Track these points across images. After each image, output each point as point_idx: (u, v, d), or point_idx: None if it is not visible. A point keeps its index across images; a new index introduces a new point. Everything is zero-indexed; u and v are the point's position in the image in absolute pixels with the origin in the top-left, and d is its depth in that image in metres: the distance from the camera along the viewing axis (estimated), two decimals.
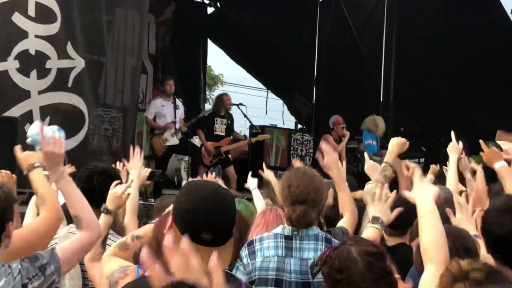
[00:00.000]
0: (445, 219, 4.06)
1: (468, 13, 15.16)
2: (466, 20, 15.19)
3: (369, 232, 4.13)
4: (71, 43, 9.86)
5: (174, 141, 12.89)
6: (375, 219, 4.17)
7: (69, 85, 9.88)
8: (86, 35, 10.17)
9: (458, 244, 3.69)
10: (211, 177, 6.42)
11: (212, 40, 18.91)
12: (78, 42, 9.94)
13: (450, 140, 5.93)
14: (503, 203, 3.64)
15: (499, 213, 3.51)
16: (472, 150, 6.70)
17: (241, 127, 16.15)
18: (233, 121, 13.79)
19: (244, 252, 4.48)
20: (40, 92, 9.63)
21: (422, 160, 17.00)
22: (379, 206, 4.21)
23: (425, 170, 5.63)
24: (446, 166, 6.22)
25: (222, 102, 13.56)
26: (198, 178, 12.30)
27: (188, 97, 16.77)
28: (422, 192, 3.60)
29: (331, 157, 5.08)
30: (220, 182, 6.88)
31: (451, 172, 5.97)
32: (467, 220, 4.17)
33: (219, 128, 13.40)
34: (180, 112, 13.13)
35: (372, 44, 16.97)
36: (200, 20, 18.25)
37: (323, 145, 5.20)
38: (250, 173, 7.28)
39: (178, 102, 13.17)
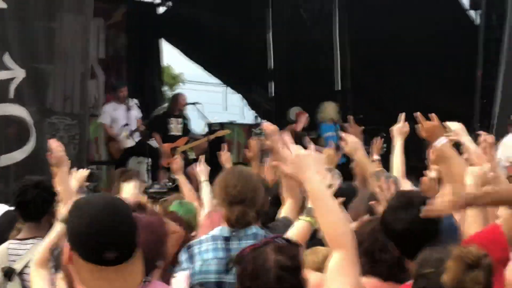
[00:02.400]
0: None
1: None
2: (421, 4, 15.18)
3: (298, 226, 4.02)
4: (9, 53, 9.68)
5: (130, 143, 12.73)
6: (309, 211, 4.04)
7: (11, 96, 9.70)
8: (27, 44, 10.00)
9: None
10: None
11: (166, 40, 18.78)
12: (16, 51, 9.75)
13: (411, 125, 5.42)
14: (397, 201, 3.67)
15: (395, 210, 3.56)
16: None
17: (200, 125, 15.98)
18: (189, 120, 13.66)
19: (183, 256, 4.39)
20: None
21: (384, 145, 17.00)
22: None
23: (386, 155, 5.55)
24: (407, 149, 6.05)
25: (177, 101, 13.44)
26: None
27: (145, 99, 16.61)
28: (306, 176, 3.13)
29: (273, 131, 4.96)
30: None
31: (397, 156, 5.82)
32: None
33: (175, 128, 13.27)
34: (135, 113, 12.98)
35: (326, 32, 16.93)
36: (153, 20, 18.10)
37: (265, 125, 5.13)
38: (202, 161, 7.00)
39: (132, 103, 13.02)
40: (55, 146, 5.01)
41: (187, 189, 7.07)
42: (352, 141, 5.10)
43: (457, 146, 5.21)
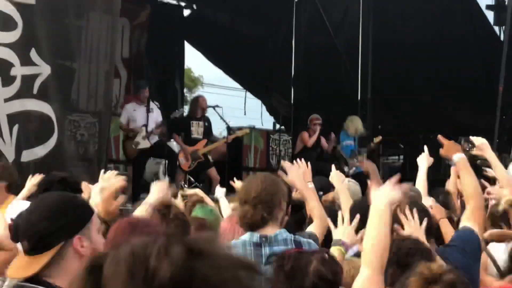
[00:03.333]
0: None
1: (445, 9, 15.17)
2: (443, 16, 15.21)
3: (334, 251, 4.09)
4: (35, 49, 9.71)
5: (145, 144, 12.71)
6: (336, 242, 4.19)
7: (35, 91, 9.72)
8: (54, 41, 10.02)
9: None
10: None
11: (189, 42, 18.81)
12: (42, 48, 9.77)
13: (429, 137, 6.17)
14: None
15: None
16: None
17: (219, 128, 16.05)
18: (211, 123, 13.69)
19: None
20: (6, 100, 9.49)
21: (401, 157, 17.03)
22: (343, 228, 4.22)
23: (404, 166, 5.71)
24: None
25: (198, 104, 13.48)
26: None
27: (166, 100, 16.68)
28: (379, 195, 3.49)
29: (293, 172, 5.07)
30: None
31: (420, 182, 6.07)
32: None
33: (196, 130, 13.30)
34: (154, 115, 12.96)
35: (349, 42, 16.96)
36: (177, 22, 18.14)
37: (284, 162, 5.27)
38: (218, 185, 7.30)
39: (153, 105, 13.02)
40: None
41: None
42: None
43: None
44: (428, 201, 5.53)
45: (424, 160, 6.34)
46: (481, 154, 5.77)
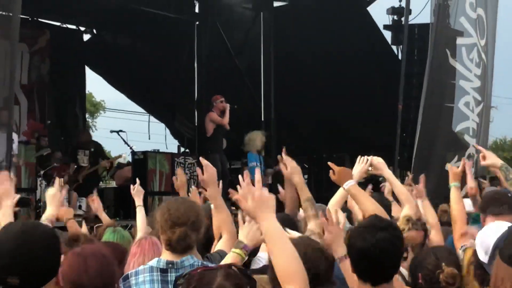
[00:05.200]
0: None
1: (345, 28, 15.44)
2: (343, 35, 15.46)
3: (229, 258, 4.07)
4: None
5: None
6: (238, 244, 4.13)
7: None
8: None
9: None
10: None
11: (90, 67, 18.64)
12: None
13: (332, 156, 6.21)
14: (368, 220, 3.82)
15: (364, 228, 3.69)
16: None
17: (124, 153, 15.98)
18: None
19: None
20: None
21: (305, 176, 17.19)
22: (248, 228, 4.13)
23: (308, 185, 5.67)
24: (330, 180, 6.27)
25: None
26: None
27: (66, 125, 16.46)
28: (261, 209, 3.29)
29: (210, 173, 4.89)
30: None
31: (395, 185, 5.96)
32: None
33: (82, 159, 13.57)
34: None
35: (251, 63, 17.10)
36: (77, 47, 17.94)
37: (204, 161, 5.02)
38: (137, 183, 7.10)
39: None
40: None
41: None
42: (292, 166, 5.20)
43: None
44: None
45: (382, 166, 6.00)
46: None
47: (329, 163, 5.26)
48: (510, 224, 3.70)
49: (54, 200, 5.15)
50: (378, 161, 5.77)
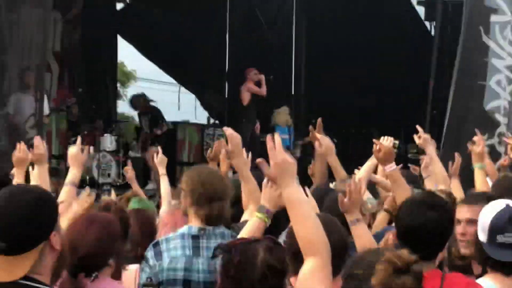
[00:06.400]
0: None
1: (376, 5, 15.36)
2: (375, 13, 15.40)
3: (252, 224, 4.06)
4: None
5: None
6: (261, 208, 4.08)
7: None
8: None
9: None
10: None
11: (123, 36, 18.67)
12: None
13: (361, 132, 6.17)
14: (420, 197, 3.78)
15: (413, 205, 3.62)
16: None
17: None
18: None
19: (150, 253, 4.39)
20: None
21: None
22: (269, 192, 4.07)
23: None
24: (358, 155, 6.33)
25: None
26: None
27: (97, 95, 16.54)
28: (282, 174, 3.19)
29: (235, 143, 4.66)
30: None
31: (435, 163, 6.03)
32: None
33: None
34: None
35: (283, 37, 17.05)
36: (110, 16, 17.98)
37: (228, 130, 4.80)
38: (160, 151, 7.03)
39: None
40: (38, 143, 5.06)
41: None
42: (327, 145, 5.20)
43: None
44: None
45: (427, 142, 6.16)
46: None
47: (374, 140, 5.24)
48: (508, 202, 3.66)
49: (77, 161, 5.19)
50: (426, 136, 5.84)
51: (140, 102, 15.10)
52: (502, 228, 3.53)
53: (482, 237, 3.55)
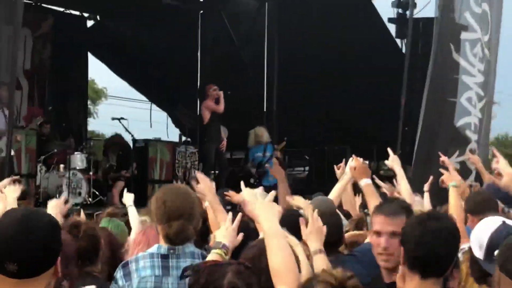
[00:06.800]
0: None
1: (349, 22, 15.42)
2: (348, 29, 15.42)
3: (213, 255, 4.06)
4: None
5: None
6: (217, 244, 4.10)
7: None
8: None
9: None
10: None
11: (93, 54, 18.61)
12: None
13: (334, 148, 6.39)
14: (426, 213, 3.56)
15: (421, 219, 3.37)
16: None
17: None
18: None
19: (119, 273, 4.35)
20: None
21: (306, 168, 17.18)
22: (224, 229, 4.14)
23: (309, 177, 5.70)
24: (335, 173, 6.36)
25: None
26: None
27: (68, 112, 16.42)
28: (265, 211, 3.48)
29: (206, 184, 5.05)
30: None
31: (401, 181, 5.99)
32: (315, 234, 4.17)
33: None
34: None
35: (255, 54, 17.06)
36: (80, 33, 17.90)
37: (198, 173, 5.26)
38: (125, 189, 7.18)
39: None
40: None
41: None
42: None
43: None
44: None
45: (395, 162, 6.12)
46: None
47: (354, 156, 5.51)
48: (503, 219, 3.65)
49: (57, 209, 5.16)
50: (394, 156, 5.91)
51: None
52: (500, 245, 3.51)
53: (479, 254, 3.55)
